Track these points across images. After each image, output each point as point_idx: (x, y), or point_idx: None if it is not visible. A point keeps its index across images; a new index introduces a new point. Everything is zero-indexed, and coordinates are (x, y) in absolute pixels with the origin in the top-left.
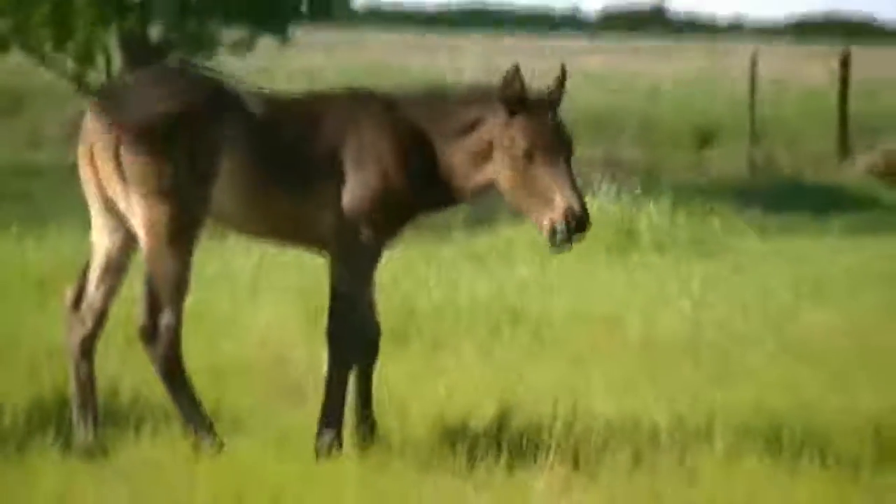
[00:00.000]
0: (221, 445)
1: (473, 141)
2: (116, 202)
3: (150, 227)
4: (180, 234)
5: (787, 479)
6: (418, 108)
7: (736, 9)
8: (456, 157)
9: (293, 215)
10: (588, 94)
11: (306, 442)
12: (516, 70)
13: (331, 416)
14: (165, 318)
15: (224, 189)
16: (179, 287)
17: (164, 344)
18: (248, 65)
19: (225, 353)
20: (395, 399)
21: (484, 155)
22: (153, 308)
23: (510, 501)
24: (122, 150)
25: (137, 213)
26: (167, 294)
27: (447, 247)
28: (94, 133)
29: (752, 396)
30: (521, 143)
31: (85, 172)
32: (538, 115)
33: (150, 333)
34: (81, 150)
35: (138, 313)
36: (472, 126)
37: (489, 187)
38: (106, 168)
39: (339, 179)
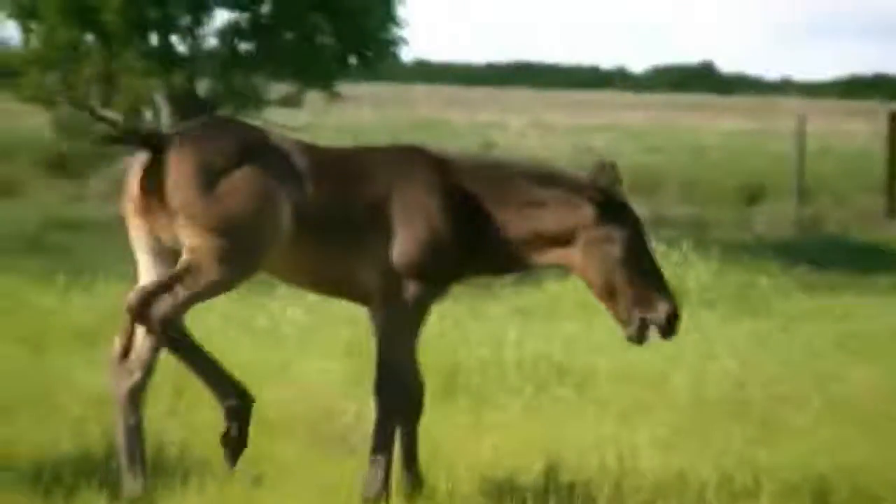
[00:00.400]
0: (250, 405)
1: (551, 222)
2: (166, 241)
3: (198, 251)
4: (229, 262)
5: None
6: (475, 172)
7: (784, 68)
8: (520, 230)
9: (338, 269)
10: (634, 151)
11: (352, 495)
12: (613, 167)
13: (378, 469)
14: (166, 301)
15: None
16: (198, 298)
17: (160, 314)
18: (295, 119)
19: (272, 404)
20: (441, 455)
21: (563, 239)
22: (156, 289)
23: None
24: (176, 193)
25: (188, 244)
26: (184, 294)
27: (494, 302)
28: (145, 179)
29: (799, 456)
30: (618, 250)
31: (133, 220)
32: (630, 220)
33: (140, 311)
34: (131, 199)
35: (133, 290)
36: (544, 204)
37: (557, 266)
38: (157, 208)
39: (387, 234)
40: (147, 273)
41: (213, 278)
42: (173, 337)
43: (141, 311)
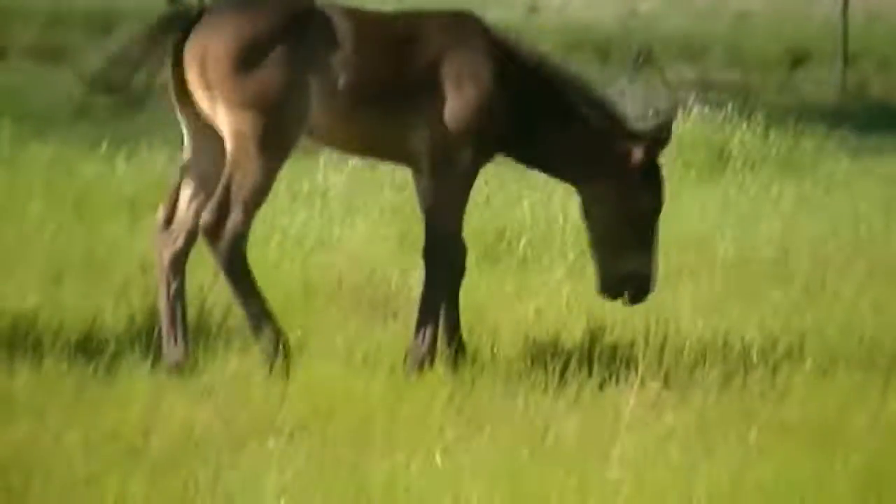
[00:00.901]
0: (287, 352)
1: (593, 153)
2: (207, 117)
3: (237, 137)
4: (268, 145)
5: (877, 395)
6: (527, 60)
7: None
8: (558, 143)
9: (388, 132)
10: (676, 18)
11: (396, 358)
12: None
13: (425, 334)
14: (233, 219)
15: (318, 105)
16: (256, 196)
17: (228, 241)
18: None
19: (317, 269)
20: (485, 318)
21: (597, 173)
22: (222, 208)
23: (601, 418)
24: (211, 66)
25: (226, 123)
26: (243, 198)
27: None
28: (185, 51)
29: (842, 318)
30: (640, 205)
31: (175, 91)
32: (660, 186)
33: (214, 231)
34: (172, 70)
35: (206, 211)
36: (590, 135)
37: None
38: (196, 84)
39: (438, 98)
40: (190, 142)
41: (261, 166)
42: (236, 265)
43: (216, 232)
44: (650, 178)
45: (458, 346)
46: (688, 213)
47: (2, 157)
